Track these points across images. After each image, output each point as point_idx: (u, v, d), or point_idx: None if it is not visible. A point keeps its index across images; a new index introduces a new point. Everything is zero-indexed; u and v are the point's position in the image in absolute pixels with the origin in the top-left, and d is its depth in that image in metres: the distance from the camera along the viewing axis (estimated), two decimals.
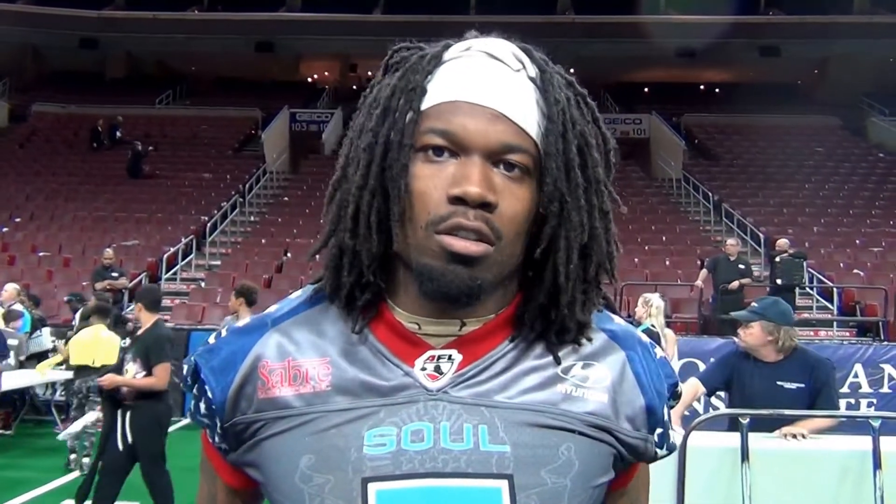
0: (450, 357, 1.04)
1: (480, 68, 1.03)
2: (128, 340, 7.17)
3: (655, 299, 8.99)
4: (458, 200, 0.96)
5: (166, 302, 16.44)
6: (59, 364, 10.35)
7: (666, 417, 1.13)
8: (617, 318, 1.17)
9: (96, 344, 8.66)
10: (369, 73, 35.83)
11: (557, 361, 1.07)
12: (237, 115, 29.30)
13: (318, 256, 1.14)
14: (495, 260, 0.99)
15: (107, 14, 31.42)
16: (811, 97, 31.55)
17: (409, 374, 1.03)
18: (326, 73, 35.93)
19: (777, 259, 14.25)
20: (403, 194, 1.00)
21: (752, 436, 4.85)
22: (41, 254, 18.30)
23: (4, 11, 30.22)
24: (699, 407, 10.34)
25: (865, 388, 10.49)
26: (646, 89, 34.08)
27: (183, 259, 18.49)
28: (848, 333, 14.79)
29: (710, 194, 21.94)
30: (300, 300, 1.14)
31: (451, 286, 0.98)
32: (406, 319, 1.06)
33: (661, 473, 4.84)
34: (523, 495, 0.98)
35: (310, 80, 36.22)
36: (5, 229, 19.80)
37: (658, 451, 1.13)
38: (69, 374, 9.28)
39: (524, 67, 1.05)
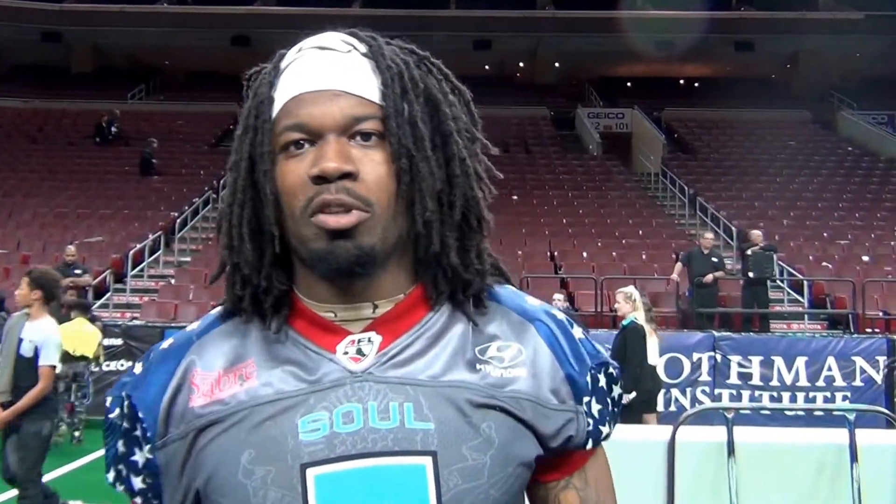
0: (369, 339, 1.07)
1: (313, 61, 1.07)
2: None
3: (636, 293, 9.02)
4: (319, 179, 1.00)
5: (134, 299, 16.36)
6: None
7: (591, 388, 1.13)
8: (529, 298, 1.20)
9: (79, 335, 8.93)
10: None
11: (474, 323, 1.10)
12: (214, 110, 28.37)
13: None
14: (374, 224, 1.01)
15: (69, 7, 30.61)
16: (784, 92, 31.96)
17: (333, 360, 1.05)
18: None
19: (748, 252, 14.23)
20: (270, 197, 1.04)
21: (737, 430, 5.03)
22: None
23: None
24: (686, 402, 10.57)
25: (839, 382, 10.69)
26: (628, 84, 34.18)
27: (150, 256, 18.02)
28: (819, 326, 14.97)
29: (686, 188, 22.11)
30: (218, 314, 1.16)
31: (341, 260, 1.01)
32: (321, 310, 1.08)
33: (650, 466, 5.04)
34: (446, 471, 1.00)
35: None
36: None
37: (591, 422, 1.12)
38: None
39: (354, 48, 1.09)
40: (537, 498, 1.16)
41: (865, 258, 17.63)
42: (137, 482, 1.11)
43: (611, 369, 1.17)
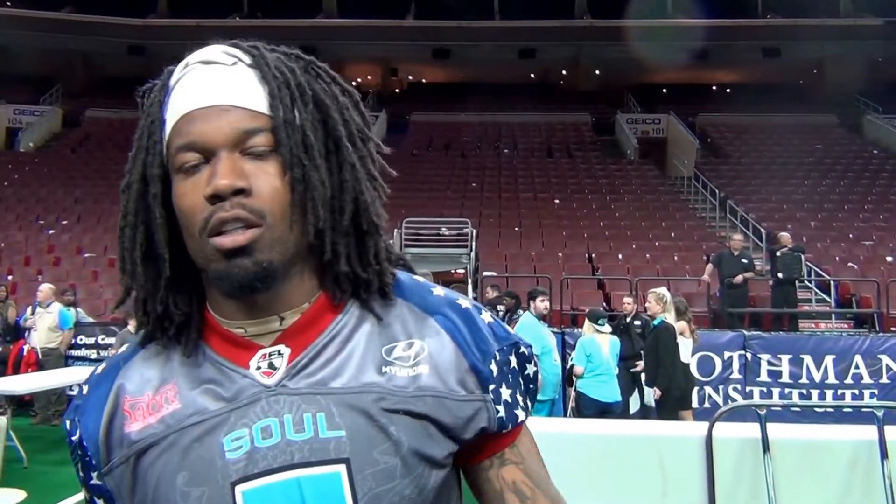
0: (279, 352, 1.04)
1: (199, 76, 1.03)
2: None
3: (668, 294, 9.05)
4: (214, 198, 0.96)
5: None
6: None
7: (498, 374, 1.09)
8: (437, 289, 1.16)
9: None
10: (410, 77, 36.04)
11: (379, 319, 1.08)
12: None
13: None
14: (271, 238, 0.99)
15: (151, 22, 31.26)
16: (811, 96, 31.64)
17: (247, 376, 1.03)
18: (370, 77, 35.62)
19: (777, 254, 14.14)
20: (159, 220, 1.02)
21: (769, 426, 5.06)
22: (86, 255, 18.08)
23: (50, 20, 30.02)
24: (719, 399, 10.59)
25: (867, 379, 10.59)
26: (664, 90, 34.04)
27: None
28: (846, 325, 14.81)
29: (717, 191, 21.96)
30: (139, 339, 1.13)
31: (242, 278, 0.98)
32: (231, 327, 1.05)
33: (690, 460, 5.12)
34: (360, 477, 0.98)
35: (354, 83, 36.03)
36: (51, 231, 19.61)
37: (501, 409, 1.09)
38: None
39: (239, 60, 1.05)
40: (478, 482, 1.13)
41: (889, 258, 17.44)
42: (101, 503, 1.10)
43: (522, 348, 1.14)
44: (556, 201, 21.76)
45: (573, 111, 30.93)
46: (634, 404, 10.15)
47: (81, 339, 12.36)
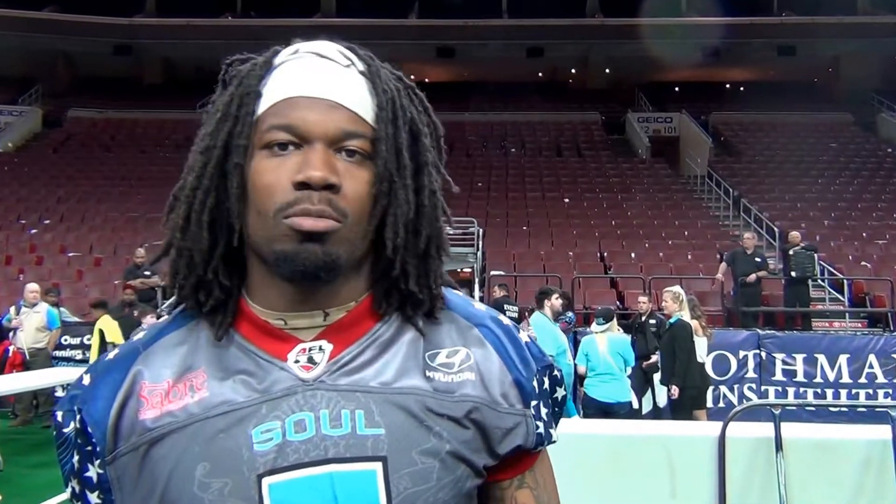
0: (320, 348, 1.04)
1: (312, 66, 1.04)
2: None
3: (683, 293, 9.04)
4: (302, 186, 0.97)
5: None
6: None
7: (539, 391, 1.12)
8: (476, 303, 1.18)
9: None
10: (412, 76, 35.86)
11: (422, 335, 1.08)
12: None
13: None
14: (345, 236, 0.99)
15: (138, 21, 31.06)
16: (826, 95, 31.57)
17: (284, 368, 1.02)
18: None
19: (790, 252, 14.15)
20: (235, 190, 1.01)
21: (783, 426, 5.04)
22: (70, 254, 17.99)
23: (32, 19, 29.80)
24: (733, 398, 10.56)
25: (881, 379, 10.59)
26: (676, 89, 33.96)
27: None
28: (860, 324, 14.74)
29: (731, 190, 21.89)
30: (166, 322, 1.12)
31: (308, 262, 0.98)
32: (270, 317, 1.05)
33: (702, 460, 5.10)
34: (396, 476, 0.98)
35: None
36: (33, 231, 19.44)
37: (541, 425, 1.11)
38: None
39: (353, 63, 1.07)
40: (491, 498, 1.13)
41: None
42: (93, 497, 1.06)
43: (555, 371, 1.16)
44: (566, 200, 21.70)
45: (582, 110, 30.86)
46: (648, 404, 10.13)
47: (66, 340, 12.36)
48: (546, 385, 1.14)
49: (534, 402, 1.10)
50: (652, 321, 10.09)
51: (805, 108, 28.83)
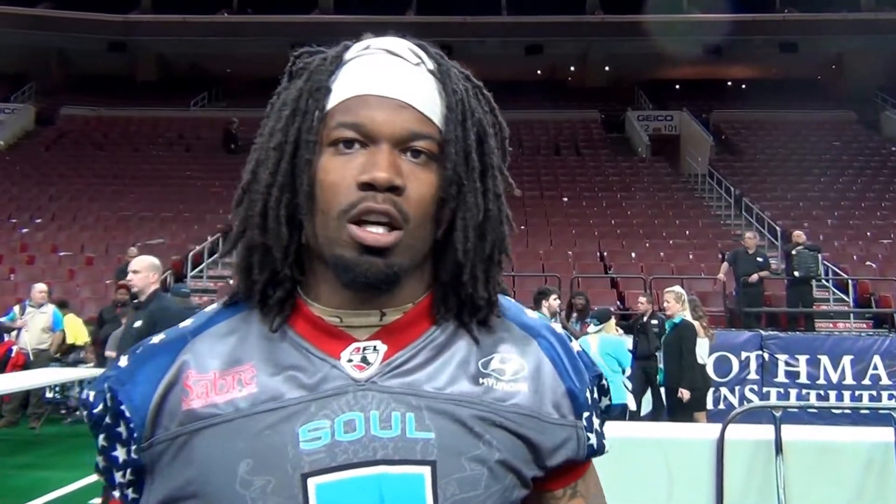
0: (374, 348, 1.03)
1: (382, 64, 1.04)
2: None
3: (685, 293, 9.01)
4: (367, 186, 0.96)
5: (194, 299, 16.66)
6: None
7: (590, 402, 1.12)
8: (529, 311, 1.18)
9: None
10: None
11: (476, 342, 1.07)
12: None
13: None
14: (407, 244, 0.99)
15: (133, 18, 30.85)
16: (829, 93, 31.45)
17: (336, 367, 1.02)
18: None
19: (793, 252, 14.10)
20: (305, 188, 1.00)
21: (784, 428, 5.00)
22: (62, 253, 17.87)
23: (25, 15, 29.57)
24: (734, 400, 10.50)
25: (885, 381, 10.51)
26: (677, 86, 33.84)
27: (209, 257, 17.78)
28: (864, 325, 14.71)
29: (733, 189, 21.83)
30: (215, 311, 1.11)
31: (369, 275, 0.97)
32: (326, 314, 1.04)
33: (700, 464, 5.06)
34: (444, 481, 0.97)
35: None
36: (24, 230, 19.28)
37: (591, 437, 1.11)
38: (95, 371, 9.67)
39: (423, 62, 1.06)
40: None
41: None
42: (118, 476, 1.05)
43: (603, 381, 1.17)
44: (565, 199, 21.64)
45: (581, 108, 30.72)
46: (647, 405, 10.05)
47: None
48: (595, 394, 1.15)
49: (586, 414, 1.11)
50: (654, 322, 10.02)
51: (808, 105, 28.71)
